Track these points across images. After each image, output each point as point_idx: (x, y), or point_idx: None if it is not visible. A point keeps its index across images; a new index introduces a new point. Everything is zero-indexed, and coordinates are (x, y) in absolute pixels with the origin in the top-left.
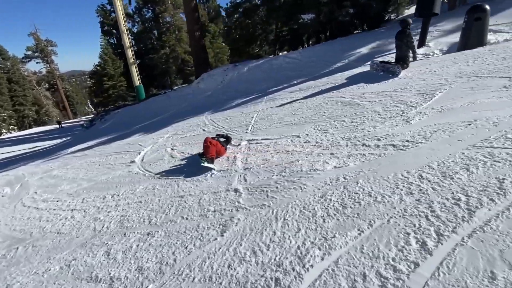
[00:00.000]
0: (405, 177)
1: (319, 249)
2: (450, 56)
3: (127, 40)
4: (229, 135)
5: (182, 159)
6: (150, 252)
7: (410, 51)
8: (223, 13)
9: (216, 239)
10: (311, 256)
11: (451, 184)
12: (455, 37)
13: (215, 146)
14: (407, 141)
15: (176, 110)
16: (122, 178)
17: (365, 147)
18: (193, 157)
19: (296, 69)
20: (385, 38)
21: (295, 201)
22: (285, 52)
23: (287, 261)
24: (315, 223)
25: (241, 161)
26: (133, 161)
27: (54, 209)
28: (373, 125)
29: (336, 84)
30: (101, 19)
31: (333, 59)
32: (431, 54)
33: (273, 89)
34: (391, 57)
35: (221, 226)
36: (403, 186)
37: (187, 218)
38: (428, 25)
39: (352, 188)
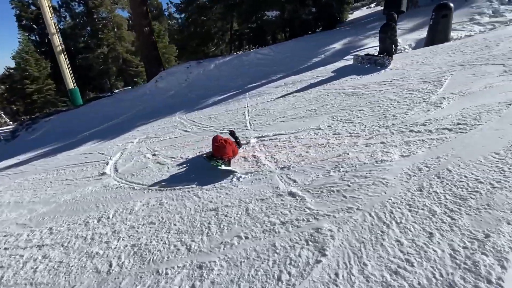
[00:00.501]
0: (499, 158)
1: (486, 255)
2: (426, 49)
3: (51, 25)
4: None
5: (178, 165)
6: None
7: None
8: (173, 10)
9: (319, 261)
10: (489, 266)
11: None
12: (418, 34)
13: (231, 146)
14: (458, 124)
15: (134, 113)
16: (101, 195)
17: (415, 133)
18: (192, 160)
19: (271, 65)
20: (353, 35)
21: (389, 199)
22: (241, 51)
23: (456, 277)
24: (444, 222)
25: (268, 160)
26: (103, 173)
27: (6, 248)
28: (401, 112)
29: (325, 77)
30: (17, 11)
31: (309, 55)
32: (402, 49)
33: (251, 85)
34: (375, 50)
35: (312, 243)
36: (510, 167)
37: (247, 237)
38: (396, 23)
39: (450, 177)
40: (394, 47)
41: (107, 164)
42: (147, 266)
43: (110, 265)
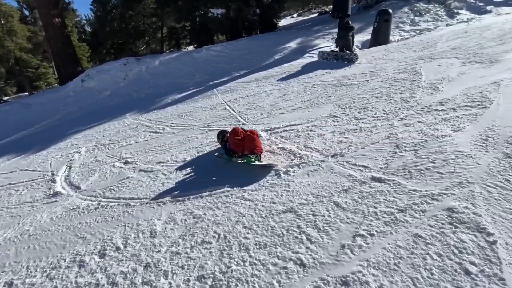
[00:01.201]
0: None
1: None
2: (377, 48)
3: None
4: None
5: (177, 170)
6: None
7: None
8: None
9: (494, 242)
10: None
11: None
12: (360, 37)
13: (258, 138)
14: (473, 101)
15: (58, 118)
16: (74, 221)
17: (442, 111)
18: (195, 163)
19: (228, 62)
20: (304, 36)
21: (489, 168)
22: (179, 49)
23: None
24: None
25: (306, 150)
26: (55, 193)
27: None
28: (406, 96)
29: (297, 72)
30: None
31: (268, 52)
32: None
33: (214, 81)
34: (329, 48)
35: (461, 224)
36: None
37: (371, 234)
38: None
39: None
40: (352, 45)
41: (53, 182)
42: None
43: None
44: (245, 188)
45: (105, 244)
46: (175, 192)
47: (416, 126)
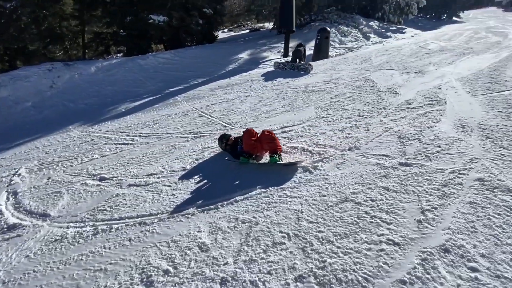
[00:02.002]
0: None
1: None
2: (324, 61)
3: None
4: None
5: (180, 179)
6: None
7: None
8: None
9: None
10: None
11: None
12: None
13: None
14: (432, 100)
15: None
16: (83, 252)
17: (415, 109)
18: (198, 170)
19: (181, 69)
20: (252, 49)
21: (488, 145)
22: (108, 56)
23: None
24: None
25: (319, 147)
26: (13, 225)
27: None
28: (375, 99)
29: (259, 80)
30: None
31: (222, 61)
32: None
33: (172, 89)
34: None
35: None
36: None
37: (464, 213)
38: (289, 40)
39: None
40: (304, 57)
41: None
42: None
43: None
44: (281, 187)
45: (144, 270)
46: (198, 202)
47: (403, 121)
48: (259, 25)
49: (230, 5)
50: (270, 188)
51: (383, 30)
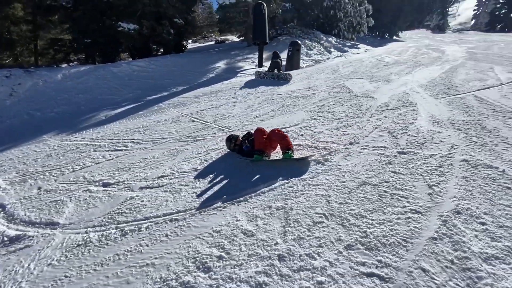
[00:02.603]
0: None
1: None
2: (297, 71)
3: None
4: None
5: (196, 179)
6: None
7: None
8: None
9: None
10: None
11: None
12: None
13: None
14: (405, 103)
15: None
16: (119, 252)
17: (392, 110)
18: (211, 170)
19: (158, 77)
20: (227, 59)
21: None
22: (67, 63)
23: None
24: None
25: (321, 144)
26: (15, 237)
27: None
28: (355, 103)
29: (242, 88)
30: None
31: (200, 70)
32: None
33: (153, 96)
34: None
35: None
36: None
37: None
38: (263, 51)
39: (461, 118)
40: (281, 67)
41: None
42: None
43: None
44: (301, 177)
45: (196, 259)
46: (224, 196)
47: (387, 119)
48: (223, 37)
49: (193, 17)
50: (291, 179)
51: (340, 45)
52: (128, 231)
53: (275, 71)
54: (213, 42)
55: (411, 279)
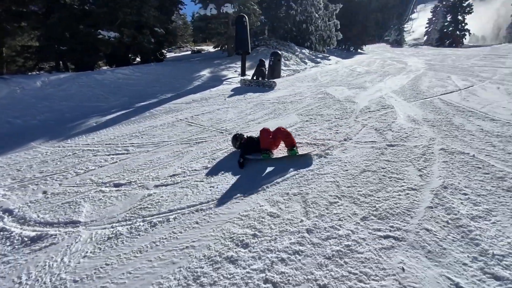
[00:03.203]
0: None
1: None
2: (279, 80)
3: None
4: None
5: (209, 175)
6: None
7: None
8: None
9: None
10: None
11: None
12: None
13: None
14: (388, 104)
15: None
16: (155, 239)
17: (374, 112)
18: (220, 168)
19: (145, 85)
20: (211, 68)
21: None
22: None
23: None
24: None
25: (318, 141)
26: (37, 237)
27: None
28: (340, 106)
29: (230, 95)
30: None
31: (186, 78)
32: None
33: (142, 103)
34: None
35: None
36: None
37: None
38: (245, 60)
39: (431, 117)
40: (265, 76)
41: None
42: None
43: None
44: (309, 169)
45: (232, 238)
46: (241, 188)
47: (371, 119)
48: (198, 48)
49: (174, 27)
50: (300, 170)
51: (313, 57)
52: (157, 222)
53: (260, 78)
54: (189, 52)
55: (419, 237)
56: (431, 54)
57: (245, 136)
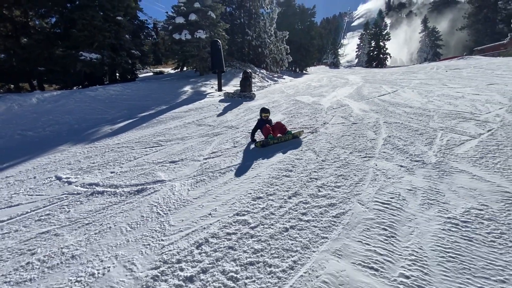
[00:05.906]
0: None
1: None
2: (256, 92)
3: None
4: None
5: (236, 154)
6: None
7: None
8: None
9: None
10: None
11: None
12: (230, 87)
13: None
14: (342, 105)
15: None
16: (214, 186)
17: (339, 108)
18: (242, 148)
19: (138, 99)
20: (191, 84)
21: (407, 121)
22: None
23: None
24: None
25: (307, 126)
26: (146, 188)
27: None
28: (312, 107)
29: (219, 105)
30: None
31: (173, 93)
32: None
33: (143, 114)
34: (217, 90)
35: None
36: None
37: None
38: (221, 77)
39: (405, 118)
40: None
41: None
42: None
43: None
44: (308, 138)
45: (281, 169)
46: (272, 152)
47: (337, 112)
48: (158, 69)
49: (147, 49)
50: (303, 139)
51: (270, 76)
52: (223, 172)
53: (247, 86)
54: (151, 74)
55: (380, 155)
56: (364, 72)
57: (269, 115)
